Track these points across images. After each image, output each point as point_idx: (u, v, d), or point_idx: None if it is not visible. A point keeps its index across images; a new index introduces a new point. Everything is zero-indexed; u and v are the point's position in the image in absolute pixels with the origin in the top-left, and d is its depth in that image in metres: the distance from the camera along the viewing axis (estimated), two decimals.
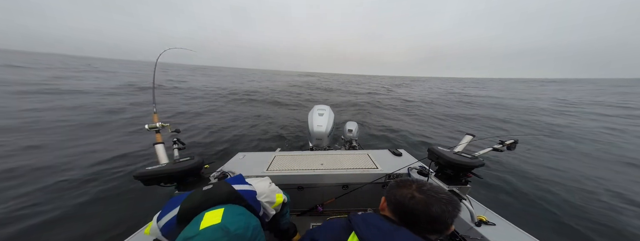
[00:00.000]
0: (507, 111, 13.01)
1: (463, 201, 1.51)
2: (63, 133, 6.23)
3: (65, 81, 17.27)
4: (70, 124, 6.98)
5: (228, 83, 26.80)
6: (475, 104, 16.05)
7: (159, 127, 2.01)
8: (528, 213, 3.30)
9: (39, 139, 5.61)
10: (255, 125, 8.49)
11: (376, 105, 14.45)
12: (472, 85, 43.31)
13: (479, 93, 25.79)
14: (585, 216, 3.18)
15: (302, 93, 20.44)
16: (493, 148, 1.87)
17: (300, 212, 2.49)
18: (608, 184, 4.09)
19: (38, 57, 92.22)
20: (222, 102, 13.25)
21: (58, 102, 9.91)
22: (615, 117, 11.65)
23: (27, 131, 6.13)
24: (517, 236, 1.37)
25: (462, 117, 10.95)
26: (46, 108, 8.56)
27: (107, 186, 3.80)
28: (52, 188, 3.64)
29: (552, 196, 3.67)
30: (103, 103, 10.32)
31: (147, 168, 1.54)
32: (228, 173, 2.18)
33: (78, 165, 4.43)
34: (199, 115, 9.56)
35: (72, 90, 13.20)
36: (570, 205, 3.43)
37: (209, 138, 6.73)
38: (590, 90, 36.36)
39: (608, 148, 6.26)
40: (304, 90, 24.30)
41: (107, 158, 4.80)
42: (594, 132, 8.06)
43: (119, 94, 13.27)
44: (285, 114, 10.80)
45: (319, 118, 3.74)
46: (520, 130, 8.44)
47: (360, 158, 2.62)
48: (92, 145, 5.54)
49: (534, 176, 4.38)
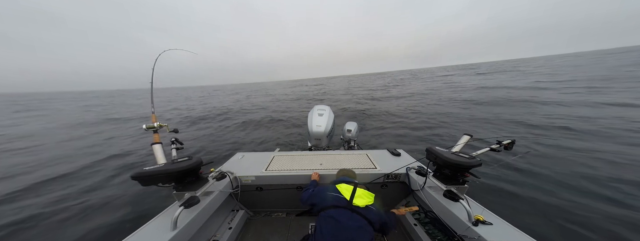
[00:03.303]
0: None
1: (460, 201, 1.52)
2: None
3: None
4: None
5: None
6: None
7: (157, 127, 2.00)
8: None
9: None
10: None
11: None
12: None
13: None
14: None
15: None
16: (490, 149, 1.87)
17: (299, 212, 2.50)
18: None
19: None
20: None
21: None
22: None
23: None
24: (514, 236, 1.37)
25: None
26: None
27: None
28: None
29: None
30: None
31: (144, 169, 1.54)
32: (226, 173, 2.18)
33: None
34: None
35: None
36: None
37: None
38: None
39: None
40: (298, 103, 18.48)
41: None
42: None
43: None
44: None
45: (319, 119, 3.74)
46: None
47: (359, 158, 2.62)
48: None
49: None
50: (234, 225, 2.12)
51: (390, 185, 2.35)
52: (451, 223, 1.65)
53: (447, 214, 1.69)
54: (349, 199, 1.33)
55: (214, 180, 2.04)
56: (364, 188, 1.47)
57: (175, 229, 1.45)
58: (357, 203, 1.31)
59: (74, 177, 5.04)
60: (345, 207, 1.29)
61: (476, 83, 21.32)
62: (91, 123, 12.73)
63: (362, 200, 1.33)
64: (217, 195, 1.97)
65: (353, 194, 1.35)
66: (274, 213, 2.56)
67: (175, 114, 15.30)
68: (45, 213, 3.55)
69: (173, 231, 1.44)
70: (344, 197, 1.34)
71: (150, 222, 1.55)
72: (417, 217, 2.12)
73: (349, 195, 1.35)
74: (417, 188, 2.02)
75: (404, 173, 2.25)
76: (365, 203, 1.32)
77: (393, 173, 2.24)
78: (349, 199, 1.33)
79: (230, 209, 2.36)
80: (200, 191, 1.73)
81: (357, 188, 1.40)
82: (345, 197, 1.34)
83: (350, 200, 1.32)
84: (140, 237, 1.42)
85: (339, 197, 1.35)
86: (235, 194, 2.27)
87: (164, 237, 1.39)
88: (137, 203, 3.67)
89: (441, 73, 55.61)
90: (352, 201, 1.32)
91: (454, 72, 53.76)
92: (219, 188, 2.02)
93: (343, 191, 1.38)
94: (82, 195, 4.14)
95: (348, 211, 1.27)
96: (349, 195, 1.35)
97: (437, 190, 1.83)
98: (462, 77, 32.11)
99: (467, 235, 1.47)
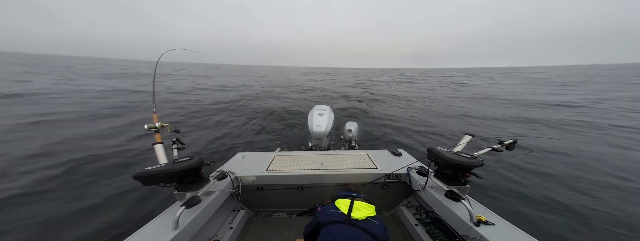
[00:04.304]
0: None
1: (462, 201, 1.51)
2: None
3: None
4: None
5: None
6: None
7: (159, 127, 2.00)
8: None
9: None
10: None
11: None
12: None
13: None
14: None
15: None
16: (492, 149, 1.87)
17: (300, 212, 2.50)
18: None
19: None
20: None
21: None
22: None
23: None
24: (516, 236, 1.37)
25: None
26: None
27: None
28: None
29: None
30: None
31: (146, 169, 1.54)
32: (227, 173, 2.18)
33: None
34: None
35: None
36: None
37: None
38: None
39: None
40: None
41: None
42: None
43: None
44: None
45: (319, 118, 3.74)
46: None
47: (360, 158, 2.62)
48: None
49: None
50: (235, 225, 2.12)
51: (391, 185, 2.35)
52: (453, 223, 1.65)
53: (448, 214, 1.68)
54: (346, 213, 1.27)
55: (215, 180, 2.04)
56: (363, 200, 1.41)
57: (176, 229, 1.45)
58: (355, 216, 1.24)
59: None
60: (343, 222, 1.23)
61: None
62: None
63: (360, 212, 1.27)
64: (218, 195, 1.97)
65: (351, 207, 1.30)
66: (275, 213, 2.56)
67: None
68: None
69: (174, 231, 1.44)
70: (341, 212, 1.29)
71: (152, 222, 1.55)
72: (418, 217, 2.12)
73: (346, 209, 1.29)
74: (418, 188, 2.02)
75: (405, 173, 2.25)
76: (365, 215, 1.26)
77: (394, 173, 2.24)
78: (347, 213, 1.27)
79: (231, 209, 2.36)
80: (202, 191, 1.73)
81: (355, 201, 1.35)
82: (342, 212, 1.29)
83: (348, 214, 1.26)
84: (141, 237, 1.42)
85: (337, 212, 1.29)
86: (236, 194, 2.27)
87: (165, 237, 1.39)
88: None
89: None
90: (350, 215, 1.26)
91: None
92: (220, 188, 2.02)
93: (340, 206, 1.32)
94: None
95: (347, 227, 1.20)
96: (346, 209, 1.29)
97: (439, 190, 1.83)
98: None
99: (469, 235, 1.47)
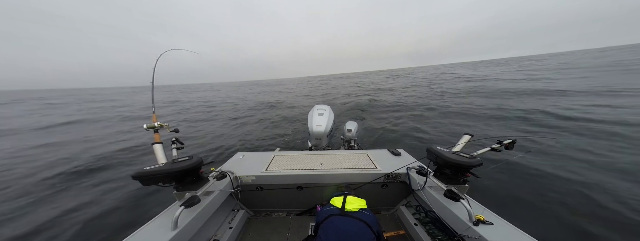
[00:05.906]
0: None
1: (461, 201, 1.51)
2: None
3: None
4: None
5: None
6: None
7: (158, 126, 2.00)
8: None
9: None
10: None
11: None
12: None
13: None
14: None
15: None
16: (491, 148, 1.87)
17: (299, 212, 2.50)
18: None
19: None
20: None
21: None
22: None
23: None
24: (515, 236, 1.37)
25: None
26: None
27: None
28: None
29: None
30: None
31: (145, 168, 1.54)
32: (227, 173, 2.18)
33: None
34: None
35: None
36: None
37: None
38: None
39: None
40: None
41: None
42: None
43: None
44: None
45: (319, 118, 3.74)
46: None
47: (360, 158, 2.62)
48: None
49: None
50: (235, 225, 2.12)
51: (390, 185, 2.35)
52: (452, 223, 1.65)
53: (447, 214, 1.69)
54: (340, 207, 1.41)
55: (214, 180, 2.04)
56: (353, 195, 1.56)
57: (175, 229, 1.46)
58: (349, 208, 1.38)
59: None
60: (339, 214, 1.36)
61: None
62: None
63: (353, 205, 1.41)
64: (218, 194, 1.97)
65: (344, 202, 1.44)
66: (275, 212, 2.56)
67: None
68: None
69: (174, 231, 1.44)
70: (335, 207, 1.43)
71: (151, 222, 1.55)
72: (417, 217, 2.12)
73: (340, 204, 1.43)
74: (418, 188, 2.02)
75: (404, 172, 2.25)
76: (358, 207, 1.40)
77: (393, 173, 2.24)
78: (341, 207, 1.41)
79: (230, 209, 2.36)
80: (201, 191, 1.73)
81: (347, 197, 1.49)
82: (337, 207, 1.43)
83: (343, 208, 1.40)
84: (141, 237, 1.42)
85: (332, 208, 1.43)
86: (236, 194, 2.27)
87: (164, 237, 1.39)
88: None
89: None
90: (344, 208, 1.39)
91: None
92: (220, 187, 2.02)
93: (335, 203, 1.47)
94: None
95: (343, 217, 1.34)
96: (340, 204, 1.44)
97: (438, 189, 1.83)
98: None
99: (468, 235, 1.47)
